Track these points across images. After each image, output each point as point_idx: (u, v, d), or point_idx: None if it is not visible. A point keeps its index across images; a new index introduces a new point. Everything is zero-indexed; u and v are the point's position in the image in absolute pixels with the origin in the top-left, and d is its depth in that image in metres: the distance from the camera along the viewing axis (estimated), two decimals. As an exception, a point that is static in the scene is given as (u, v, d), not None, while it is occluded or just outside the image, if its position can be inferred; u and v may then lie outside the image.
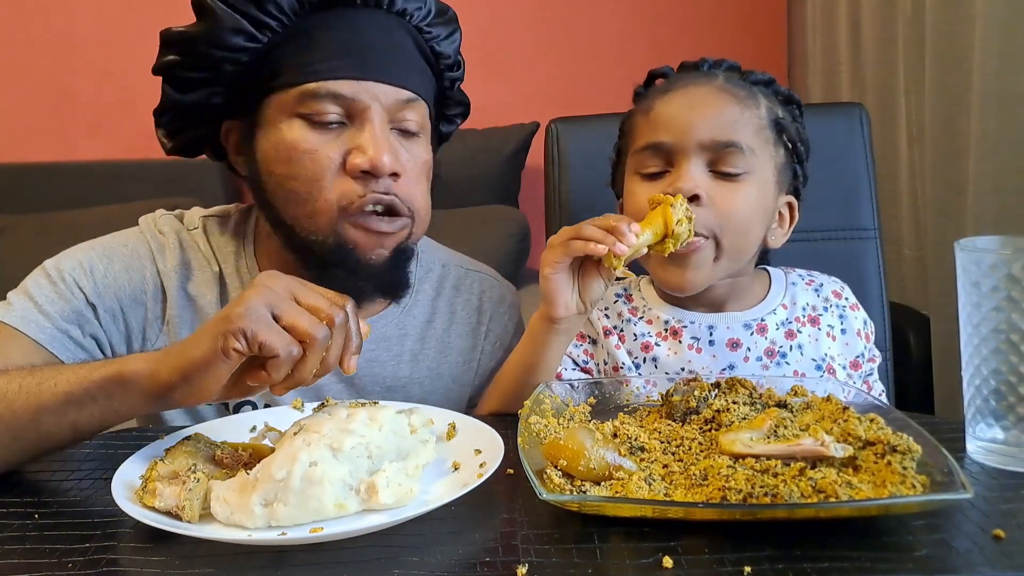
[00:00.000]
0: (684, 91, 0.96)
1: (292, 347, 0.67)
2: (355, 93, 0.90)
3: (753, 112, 0.94)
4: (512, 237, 2.27)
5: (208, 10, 0.89)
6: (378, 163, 0.89)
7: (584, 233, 0.83)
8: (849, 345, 1.02)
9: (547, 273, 0.85)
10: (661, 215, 0.85)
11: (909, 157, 1.76)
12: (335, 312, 0.69)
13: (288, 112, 0.91)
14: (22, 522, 0.67)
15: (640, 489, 0.63)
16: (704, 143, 0.92)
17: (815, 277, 1.07)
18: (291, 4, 0.89)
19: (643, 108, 0.99)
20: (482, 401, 0.98)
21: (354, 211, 0.90)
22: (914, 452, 0.64)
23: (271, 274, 0.72)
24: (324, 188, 0.90)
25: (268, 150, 0.92)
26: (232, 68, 0.91)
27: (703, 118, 0.93)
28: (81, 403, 0.73)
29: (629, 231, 0.82)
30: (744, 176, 0.93)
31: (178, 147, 1.00)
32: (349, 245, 0.92)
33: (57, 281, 0.93)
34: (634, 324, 1.02)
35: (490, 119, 2.43)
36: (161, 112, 0.96)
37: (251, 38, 0.90)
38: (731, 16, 2.54)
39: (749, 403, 0.78)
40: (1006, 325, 0.69)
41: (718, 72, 0.99)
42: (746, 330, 0.99)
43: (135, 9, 2.55)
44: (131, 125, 2.58)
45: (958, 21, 1.50)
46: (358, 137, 0.90)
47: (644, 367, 1.00)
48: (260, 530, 0.62)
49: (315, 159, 0.90)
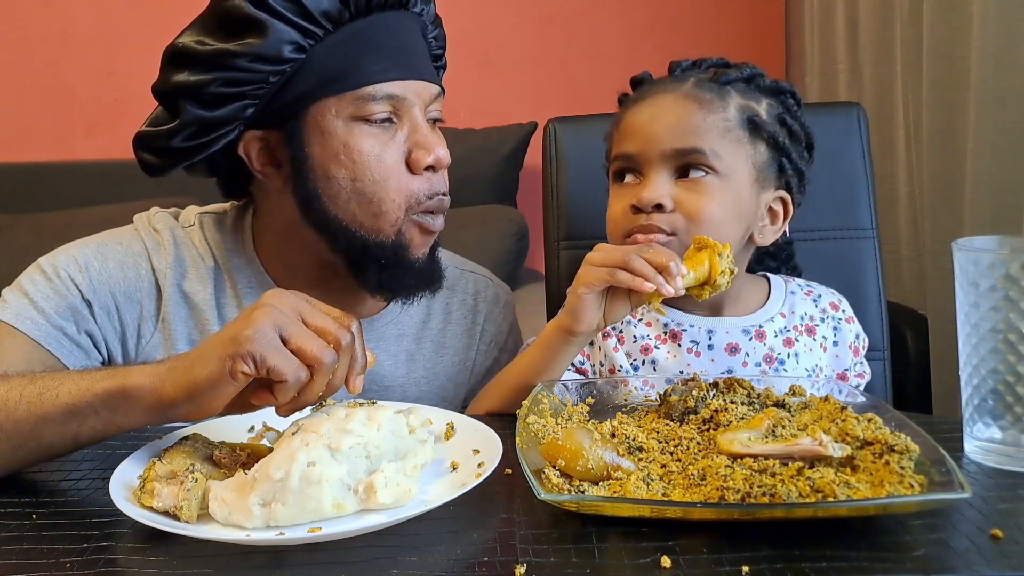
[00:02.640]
0: (651, 100, 0.98)
1: (300, 372, 0.67)
2: (404, 92, 0.93)
3: (718, 115, 0.95)
4: (510, 237, 2.27)
5: (258, 25, 0.87)
6: (441, 156, 0.94)
7: (633, 266, 0.81)
8: (839, 358, 1.02)
9: (581, 292, 0.84)
10: (707, 261, 0.84)
11: (907, 157, 1.76)
12: (342, 335, 0.69)
13: (344, 116, 0.91)
14: (20, 522, 0.67)
15: (638, 489, 0.63)
16: (666, 152, 0.94)
17: (814, 288, 1.07)
18: (339, 11, 0.90)
19: (617, 118, 1.02)
20: (478, 400, 0.98)
21: (420, 210, 0.94)
22: (912, 452, 0.64)
23: (278, 292, 0.71)
24: (391, 189, 0.92)
25: (326, 155, 0.92)
26: (276, 79, 0.90)
27: (665, 127, 0.94)
28: (83, 415, 0.72)
29: (678, 275, 0.81)
30: (710, 178, 0.93)
31: (176, 167, 0.96)
32: (405, 243, 0.95)
33: (52, 277, 0.93)
34: (634, 326, 1.02)
35: (488, 119, 2.43)
36: (174, 132, 0.90)
37: (299, 49, 0.89)
38: (729, 16, 2.54)
39: (747, 403, 0.78)
40: (1004, 325, 0.69)
41: (691, 75, 1.00)
42: (745, 335, 0.99)
43: (133, 9, 2.55)
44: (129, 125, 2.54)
45: (956, 21, 1.50)
46: (414, 135, 0.94)
47: (643, 369, 1.00)
48: (258, 530, 0.62)
49: (382, 161, 0.92)
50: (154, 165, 0.95)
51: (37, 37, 2.58)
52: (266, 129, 0.94)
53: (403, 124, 0.94)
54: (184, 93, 0.89)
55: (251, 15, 0.87)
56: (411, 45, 0.95)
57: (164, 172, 0.96)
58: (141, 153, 0.95)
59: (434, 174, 0.95)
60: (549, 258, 1.30)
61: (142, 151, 0.95)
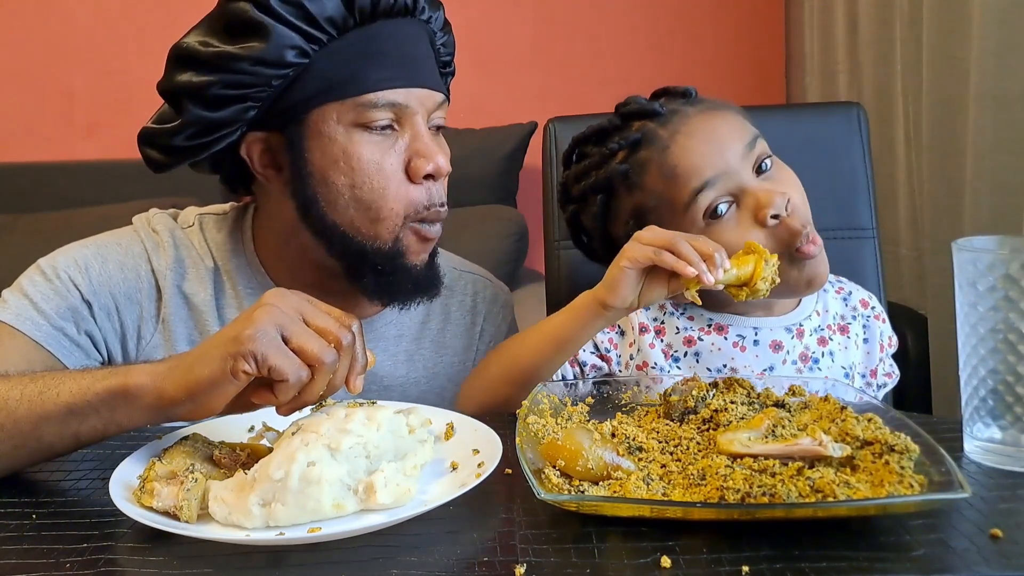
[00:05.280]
0: (685, 131, 0.95)
1: (301, 371, 0.67)
2: (407, 100, 0.92)
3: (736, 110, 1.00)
4: (510, 237, 2.27)
5: (261, 28, 0.87)
6: (441, 165, 0.93)
7: (679, 249, 0.81)
8: (870, 354, 1.03)
9: (624, 266, 0.84)
10: (752, 264, 0.84)
11: (907, 157, 1.77)
12: (343, 334, 0.70)
13: (345, 123, 0.91)
14: (19, 522, 0.67)
15: (638, 489, 0.63)
16: (742, 152, 0.93)
17: (844, 284, 1.07)
18: (343, 17, 0.89)
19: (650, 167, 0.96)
20: (484, 365, 0.97)
21: (417, 218, 0.94)
22: (912, 452, 0.64)
23: (279, 292, 0.71)
24: (390, 197, 0.92)
25: (325, 161, 0.92)
26: (278, 83, 0.90)
27: (726, 133, 0.94)
28: (83, 415, 0.72)
29: (720, 266, 0.81)
30: (776, 159, 0.97)
31: (179, 164, 0.97)
32: (403, 249, 0.95)
33: (52, 278, 0.93)
34: (676, 317, 1.01)
35: (488, 119, 2.43)
36: (176, 130, 0.91)
37: (302, 54, 0.89)
38: (729, 16, 2.54)
39: (747, 403, 0.78)
40: (1003, 325, 0.69)
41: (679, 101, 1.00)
42: (787, 333, 0.99)
43: (133, 9, 2.55)
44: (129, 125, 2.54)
45: (955, 21, 1.50)
46: (415, 143, 0.93)
47: (684, 361, 0.99)
48: (258, 530, 0.62)
49: (381, 168, 0.92)
50: (158, 162, 0.96)
51: (37, 37, 2.58)
52: (268, 131, 0.94)
53: (404, 132, 0.93)
54: (187, 93, 0.89)
55: (254, 19, 0.87)
56: (416, 52, 0.95)
57: (167, 169, 0.96)
58: (145, 149, 0.96)
59: (434, 183, 0.95)
60: (549, 258, 1.30)
61: (146, 147, 0.96)
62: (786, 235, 0.91)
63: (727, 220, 0.92)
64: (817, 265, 0.92)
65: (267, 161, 0.96)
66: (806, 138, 1.27)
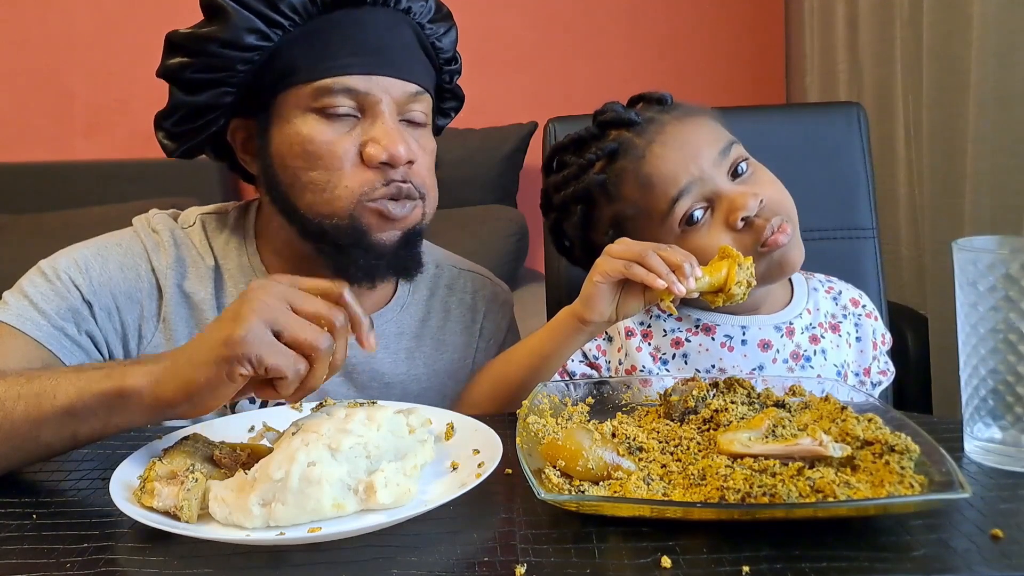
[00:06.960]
0: (660, 140, 0.95)
1: (299, 365, 0.67)
2: (368, 88, 0.92)
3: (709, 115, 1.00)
4: (510, 237, 2.27)
5: (221, 11, 0.89)
6: (394, 153, 0.91)
7: (648, 262, 0.81)
8: (863, 353, 1.03)
9: (597, 280, 0.84)
10: (725, 270, 0.84)
11: (907, 157, 1.77)
12: (335, 315, 0.69)
13: (303, 107, 0.92)
14: (20, 522, 0.67)
15: (638, 489, 0.63)
16: (713, 159, 0.93)
17: (834, 284, 1.07)
18: (303, 3, 0.91)
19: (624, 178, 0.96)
20: (480, 375, 0.98)
21: (375, 197, 0.93)
22: (912, 452, 0.64)
23: (263, 284, 0.71)
24: (344, 176, 0.92)
25: (283, 144, 0.94)
26: (244, 67, 0.92)
27: (698, 142, 0.94)
28: (81, 416, 0.72)
29: (691, 275, 0.81)
30: (752, 163, 0.96)
31: (181, 149, 1.00)
32: (363, 227, 0.94)
33: (53, 279, 0.94)
34: (663, 320, 1.01)
35: (488, 119, 2.43)
36: (167, 115, 0.96)
37: (264, 37, 0.91)
38: (729, 16, 2.55)
39: (747, 403, 0.78)
40: (1004, 325, 0.69)
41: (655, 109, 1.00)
42: (776, 332, 0.99)
43: (133, 9, 2.55)
44: (128, 125, 2.58)
45: (955, 21, 1.50)
46: (372, 130, 0.93)
47: (672, 363, 0.99)
48: (258, 530, 0.62)
49: (332, 150, 0.92)
50: (166, 146, 0.99)
51: (37, 37, 2.58)
52: (247, 118, 0.97)
53: (366, 120, 0.93)
54: (170, 77, 0.94)
55: (216, 2, 0.89)
56: (385, 41, 0.94)
57: (176, 154, 1.00)
58: (156, 132, 0.99)
59: (392, 170, 0.93)
60: (549, 258, 1.30)
61: (157, 130, 0.99)
62: (756, 233, 0.91)
63: (702, 226, 0.93)
64: (788, 250, 0.92)
65: (249, 148, 0.99)
66: (806, 138, 1.27)
